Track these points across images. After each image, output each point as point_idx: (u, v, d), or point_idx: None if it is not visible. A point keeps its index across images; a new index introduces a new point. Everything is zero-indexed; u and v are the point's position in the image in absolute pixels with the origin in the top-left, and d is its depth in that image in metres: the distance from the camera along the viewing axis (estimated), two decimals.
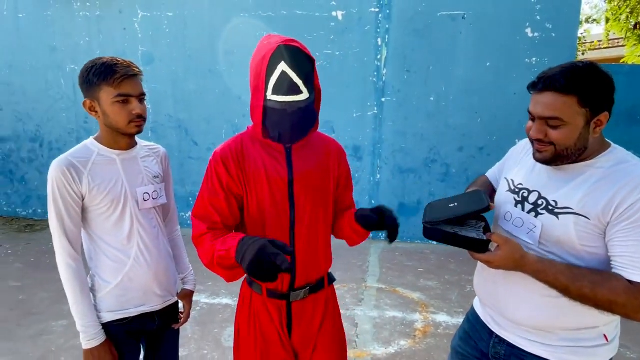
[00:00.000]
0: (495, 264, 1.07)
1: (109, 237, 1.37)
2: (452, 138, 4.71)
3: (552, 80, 1.03)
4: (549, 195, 1.12)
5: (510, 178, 1.27)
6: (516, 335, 1.19)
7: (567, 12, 4.33)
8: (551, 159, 1.09)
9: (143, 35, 5.04)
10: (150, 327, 1.49)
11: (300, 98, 1.12)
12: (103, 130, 1.38)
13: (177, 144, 5.21)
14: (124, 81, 1.31)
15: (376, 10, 4.63)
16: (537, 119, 1.08)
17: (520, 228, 1.17)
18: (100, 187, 1.32)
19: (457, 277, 3.93)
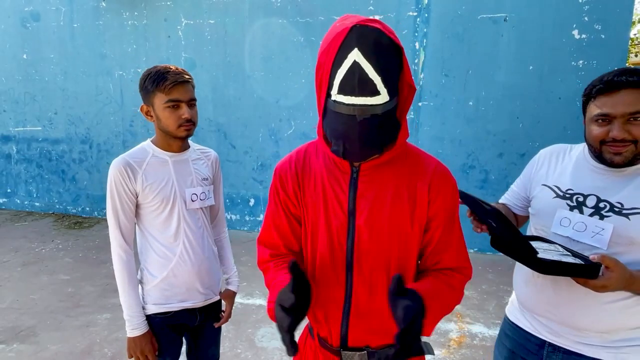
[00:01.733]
0: (611, 287, 1.02)
1: (157, 233, 1.46)
2: (491, 144, 4.58)
3: (626, 77, 1.06)
4: (610, 198, 1.12)
5: (553, 185, 1.25)
6: (574, 342, 1.18)
7: (618, 12, 4.11)
8: (632, 158, 1.09)
9: (186, 42, 5.24)
10: (192, 323, 1.56)
11: (378, 101, 0.82)
12: (158, 134, 1.48)
13: (216, 147, 5.36)
14: (174, 87, 1.38)
15: (414, 14, 4.58)
16: (617, 119, 1.08)
17: (583, 232, 1.14)
18: (152, 186, 1.42)
19: (495, 287, 3.80)
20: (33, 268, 4.11)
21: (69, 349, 2.78)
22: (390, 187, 0.96)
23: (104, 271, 4.05)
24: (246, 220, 5.42)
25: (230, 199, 5.43)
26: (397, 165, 0.97)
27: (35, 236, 5.08)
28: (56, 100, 5.85)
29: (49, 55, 5.75)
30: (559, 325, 1.20)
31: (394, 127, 0.91)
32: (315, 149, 1.04)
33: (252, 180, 5.33)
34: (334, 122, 0.86)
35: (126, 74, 5.50)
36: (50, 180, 6.08)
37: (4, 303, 3.39)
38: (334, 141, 0.89)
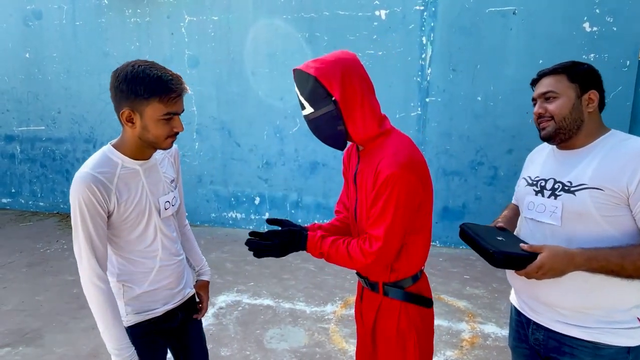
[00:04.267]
0: (546, 265, 1.11)
1: (133, 248, 1.36)
2: (500, 139, 4.50)
3: (544, 69, 1.32)
4: (563, 178, 1.26)
5: (527, 175, 1.42)
6: (552, 320, 1.26)
7: (631, 4, 4.01)
8: (554, 133, 1.27)
9: (189, 39, 5.18)
10: (174, 324, 1.52)
11: (306, 112, 1.30)
12: (132, 142, 1.30)
13: (221, 146, 5.31)
14: (177, 100, 1.26)
15: (421, 8, 4.50)
16: (538, 100, 1.32)
17: (543, 213, 1.27)
18: (127, 203, 1.29)
19: (506, 286, 3.74)
20: (38, 269, 4.08)
21: (75, 351, 2.74)
22: (367, 169, 1.32)
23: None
24: (251, 219, 5.37)
25: (236, 197, 5.38)
26: (373, 154, 1.32)
27: (40, 236, 5.06)
28: (59, 99, 5.81)
29: (51, 53, 5.70)
30: (535, 302, 1.30)
31: (333, 127, 1.29)
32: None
33: (257, 178, 5.27)
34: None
35: None
36: (54, 180, 6.05)
37: (9, 305, 3.36)
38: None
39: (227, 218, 5.43)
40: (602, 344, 1.17)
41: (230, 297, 3.51)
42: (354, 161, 1.43)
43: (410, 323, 1.34)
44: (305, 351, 2.76)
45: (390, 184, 1.21)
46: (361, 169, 1.36)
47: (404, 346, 1.35)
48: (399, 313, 1.35)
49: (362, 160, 1.36)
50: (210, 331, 2.96)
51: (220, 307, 3.34)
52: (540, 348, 1.31)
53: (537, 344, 1.32)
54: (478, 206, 4.66)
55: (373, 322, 1.41)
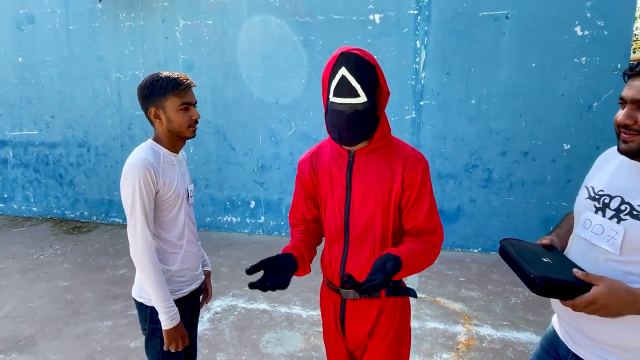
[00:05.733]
0: (600, 302, 0.95)
1: (166, 229, 1.57)
2: (494, 142, 4.53)
3: None
4: (633, 200, 1.05)
5: (591, 185, 1.21)
6: (594, 355, 1.12)
7: (621, 8, 4.07)
8: (638, 150, 1.04)
9: (184, 44, 5.17)
10: (195, 303, 1.75)
11: (358, 101, 1.20)
12: (164, 136, 1.57)
13: (216, 149, 5.30)
14: (187, 91, 1.54)
15: (415, 12, 4.53)
16: (628, 104, 1.05)
17: (600, 235, 1.09)
18: (169, 185, 1.53)
19: (501, 288, 3.75)
20: (31, 275, 4.04)
21: (69, 358, 2.72)
22: (376, 168, 1.31)
23: (103, 277, 3.99)
24: (247, 222, 5.36)
25: (231, 201, 5.36)
26: (382, 153, 1.33)
27: (33, 242, 5.01)
28: (53, 103, 5.78)
29: (44, 58, 5.67)
30: (578, 334, 1.16)
31: (372, 121, 1.27)
32: (327, 144, 1.43)
33: (253, 182, 5.27)
34: (331, 117, 1.26)
35: (123, 76, 5.43)
36: (47, 185, 6.01)
37: (2, 312, 3.32)
38: (332, 131, 1.29)
39: (222, 222, 5.41)
40: None
41: (226, 302, 3.49)
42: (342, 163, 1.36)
43: (406, 315, 1.43)
44: (302, 355, 2.75)
45: (428, 175, 1.31)
46: (361, 169, 1.32)
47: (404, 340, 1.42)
48: (400, 309, 1.40)
49: (363, 160, 1.33)
50: (205, 336, 2.95)
51: (216, 312, 3.33)
52: None
53: None
54: (472, 209, 4.69)
55: (369, 330, 1.38)
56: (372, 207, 1.32)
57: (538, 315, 3.24)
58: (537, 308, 3.34)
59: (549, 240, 1.21)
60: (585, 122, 4.22)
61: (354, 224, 1.34)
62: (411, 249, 1.26)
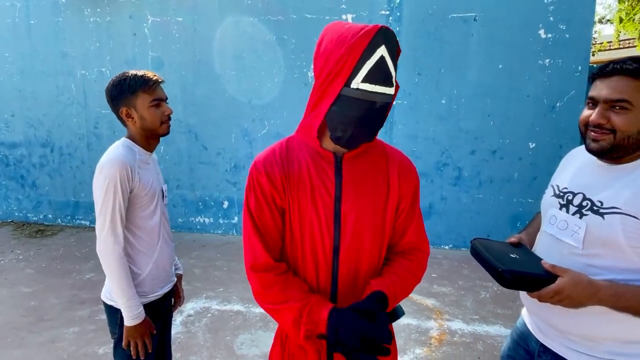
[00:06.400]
0: (565, 292, 0.98)
1: (143, 227, 1.55)
2: (464, 141, 4.65)
3: (622, 64, 1.04)
4: (594, 196, 1.10)
5: (556, 184, 1.26)
6: (562, 345, 1.16)
7: (581, 12, 4.25)
8: (608, 149, 1.06)
9: (153, 41, 5.04)
10: (167, 306, 1.72)
11: (391, 91, 0.97)
12: (138, 134, 1.55)
13: (187, 149, 5.20)
14: (156, 87, 1.53)
15: (386, 12, 4.59)
16: (600, 104, 1.06)
17: (565, 230, 1.14)
18: (144, 183, 1.51)
19: (471, 283, 3.86)
20: None
21: None
22: (370, 174, 1.09)
23: (69, 281, 3.84)
24: (220, 223, 5.28)
25: (203, 202, 5.27)
26: (372, 156, 1.11)
27: None
28: (13, 101, 5.51)
29: (3, 53, 5.40)
30: (546, 325, 1.20)
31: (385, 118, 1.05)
32: (296, 143, 1.10)
33: (226, 182, 5.20)
34: (350, 109, 0.95)
35: (89, 74, 5.24)
36: (8, 187, 5.73)
37: None
38: (342, 127, 0.98)
39: (195, 223, 5.32)
40: None
41: (199, 304, 3.43)
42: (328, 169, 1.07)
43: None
44: None
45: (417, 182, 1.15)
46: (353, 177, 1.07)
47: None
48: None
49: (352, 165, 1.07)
50: (178, 339, 2.89)
51: (189, 314, 3.26)
52: None
53: None
54: (444, 206, 4.79)
55: None
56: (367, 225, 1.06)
57: (506, 309, 3.35)
58: (505, 302, 3.45)
59: (516, 239, 1.24)
60: (550, 121, 4.39)
61: (346, 247, 1.05)
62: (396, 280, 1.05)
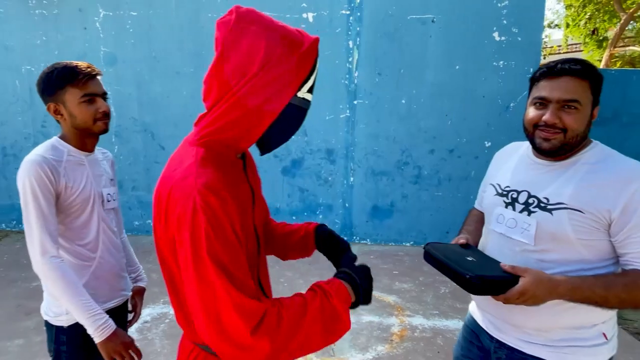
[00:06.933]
0: (530, 293, 0.99)
1: (75, 236, 1.40)
2: (423, 140, 4.74)
3: (570, 64, 1.07)
4: (538, 193, 1.13)
5: (496, 183, 1.28)
6: (516, 338, 1.18)
7: (532, 17, 4.45)
8: (559, 147, 1.09)
9: (105, 35, 4.81)
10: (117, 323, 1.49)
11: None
12: (70, 133, 1.41)
13: (143, 149, 5.00)
14: (88, 81, 1.36)
15: (347, 12, 4.61)
16: (553, 104, 1.09)
17: (514, 228, 1.16)
18: (74, 187, 1.36)
19: (431, 279, 3.94)
20: None
21: None
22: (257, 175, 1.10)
23: (14, 290, 3.59)
24: None
25: None
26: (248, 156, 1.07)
27: None
28: None
29: None
30: (500, 321, 1.22)
31: None
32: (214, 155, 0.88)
33: None
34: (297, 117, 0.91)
35: (35, 69, 4.93)
36: None
37: None
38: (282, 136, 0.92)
39: (148, 224, 5.12)
40: None
41: (157, 310, 3.30)
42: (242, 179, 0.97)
43: None
44: None
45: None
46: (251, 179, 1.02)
47: None
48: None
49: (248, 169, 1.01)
50: None
51: (145, 320, 3.13)
52: None
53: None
54: (405, 204, 4.87)
55: None
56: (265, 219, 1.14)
57: (465, 303, 3.44)
58: (464, 296, 3.55)
59: (465, 239, 1.25)
60: (504, 121, 4.56)
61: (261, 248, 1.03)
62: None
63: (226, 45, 0.82)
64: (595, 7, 8.50)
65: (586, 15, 8.67)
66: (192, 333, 0.93)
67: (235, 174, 0.92)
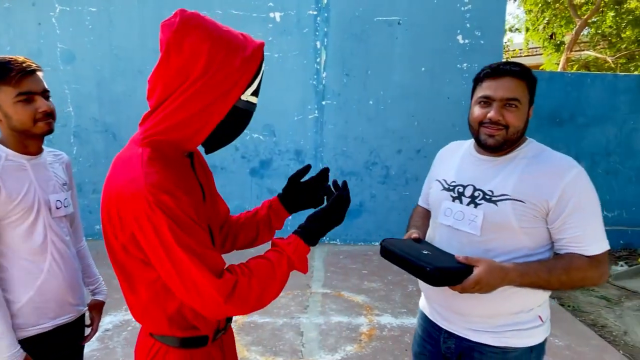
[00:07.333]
0: (484, 281, 1.05)
1: (19, 247, 1.28)
2: (391, 141, 4.80)
3: (510, 66, 1.17)
4: (483, 187, 1.21)
5: (442, 178, 1.34)
6: (464, 328, 1.25)
7: (493, 21, 4.59)
8: (502, 142, 1.17)
9: (62, 31, 4.60)
10: (65, 341, 1.42)
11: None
12: (9, 135, 1.29)
13: (104, 150, 4.81)
14: (22, 79, 1.22)
15: (314, 12, 4.60)
16: (497, 102, 1.16)
17: (462, 220, 1.23)
18: (12, 194, 1.24)
19: (400, 278, 3.99)
20: None
21: None
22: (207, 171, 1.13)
23: None
24: None
25: None
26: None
27: None
28: None
29: None
30: (448, 312, 1.28)
31: None
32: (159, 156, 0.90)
33: None
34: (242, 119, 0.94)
35: None
36: None
37: None
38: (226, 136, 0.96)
39: None
40: (509, 347, 1.19)
41: (118, 317, 3.18)
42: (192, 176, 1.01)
43: None
44: None
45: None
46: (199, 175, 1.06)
47: None
48: None
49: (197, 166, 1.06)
50: (94, 357, 2.64)
51: (106, 329, 3.01)
52: (452, 356, 1.29)
53: (449, 352, 1.30)
54: (373, 204, 4.92)
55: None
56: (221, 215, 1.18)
57: None
58: None
59: (417, 234, 1.29)
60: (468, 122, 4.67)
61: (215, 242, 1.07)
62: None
63: (169, 48, 0.83)
64: (553, 12, 8.89)
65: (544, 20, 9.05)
66: (150, 324, 0.97)
67: (183, 172, 0.95)
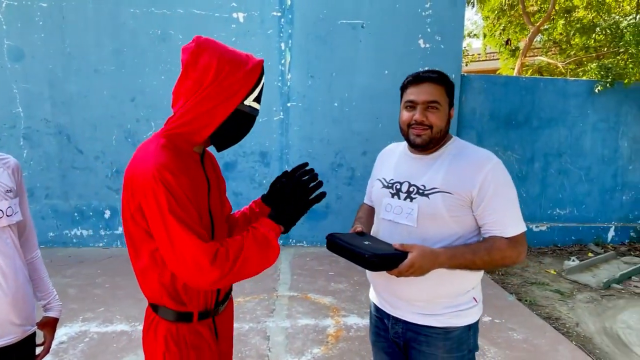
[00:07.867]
0: (417, 265, 1.17)
1: None
2: (356, 143, 4.84)
3: (429, 74, 1.33)
4: (417, 182, 1.34)
5: (382, 177, 1.46)
6: (409, 312, 1.35)
7: (453, 26, 4.73)
8: (428, 141, 1.31)
9: (9, 27, 4.34)
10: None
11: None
12: None
13: (57, 153, 4.57)
14: None
15: (278, 14, 4.57)
16: (420, 105, 1.31)
17: (400, 214, 1.35)
18: None
19: (365, 278, 4.01)
20: None
21: None
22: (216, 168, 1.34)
23: None
24: (101, 235, 4.75)
25: (80, 212, 4.69)
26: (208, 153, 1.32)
27: None
28: None
29: None
30: (394, 298, 1.38)
31: None
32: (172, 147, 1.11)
33: (107, 189, 4.69)
34: (243, 122, 1.16)
35: None
36: None
37: None
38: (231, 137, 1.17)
39: (70, 236, 4.71)
40: (450, 327, 1.31)
41: (74, 329, 3.02)
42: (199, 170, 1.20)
43: None
44: None
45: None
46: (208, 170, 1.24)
47: None
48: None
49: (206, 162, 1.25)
50: None
51: (61, 341, 2.85)
52: (400, 340, 1.39)
53: (397, 336, 1.40)
54: (339, 205, 4.94)
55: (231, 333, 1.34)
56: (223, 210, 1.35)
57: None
58: None
59: (360, 228, 1.42)
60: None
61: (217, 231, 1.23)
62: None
63: (188, 65, 1.07)
64: (508, 19, 9.27)
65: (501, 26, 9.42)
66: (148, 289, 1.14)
67: (190, 163, 1.14)
